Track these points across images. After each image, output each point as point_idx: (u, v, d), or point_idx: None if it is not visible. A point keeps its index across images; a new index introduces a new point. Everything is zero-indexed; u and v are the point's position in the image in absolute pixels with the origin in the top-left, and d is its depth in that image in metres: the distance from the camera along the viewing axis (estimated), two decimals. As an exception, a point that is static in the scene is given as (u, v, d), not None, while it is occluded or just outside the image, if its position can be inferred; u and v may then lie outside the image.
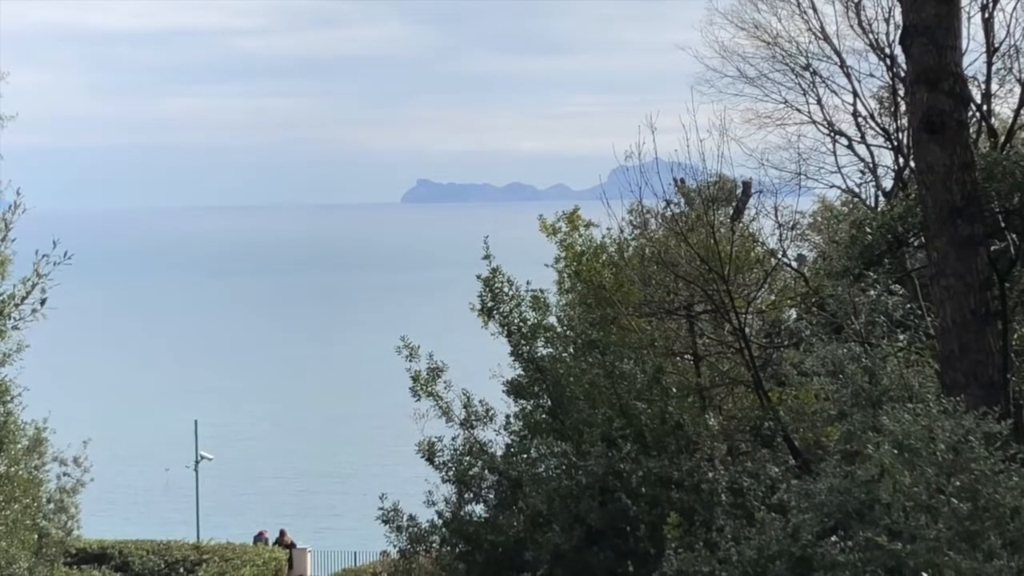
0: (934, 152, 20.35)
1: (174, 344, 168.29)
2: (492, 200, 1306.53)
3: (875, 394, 17.84)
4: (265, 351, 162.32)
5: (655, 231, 32.05)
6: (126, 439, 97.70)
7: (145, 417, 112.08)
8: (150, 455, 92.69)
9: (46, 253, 15.05)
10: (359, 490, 75.36)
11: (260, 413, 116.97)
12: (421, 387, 28.61)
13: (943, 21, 20.32)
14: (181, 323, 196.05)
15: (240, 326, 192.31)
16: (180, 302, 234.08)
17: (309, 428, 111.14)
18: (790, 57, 41.23)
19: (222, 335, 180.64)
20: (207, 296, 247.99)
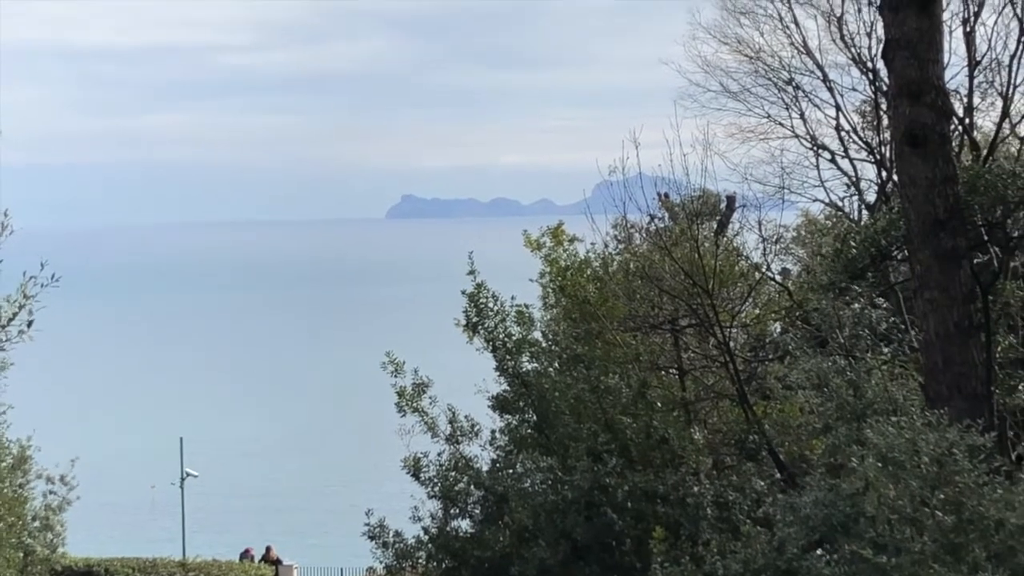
0: (917, 165, 20.42)
1: (160, 360, 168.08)
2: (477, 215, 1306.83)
3: (859, 407, 17.88)
4: (250, 367, 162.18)
5: (639, 246, 32.11)
6: (112, 456, 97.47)
7: (131, 434, 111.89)
8: (136, 472, 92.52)
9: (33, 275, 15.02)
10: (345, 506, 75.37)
11: (246, 429, 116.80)
12: (406, 403, 28.59)
13: (925, 35, 20.40)
14: (167, 339, 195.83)
15: (225, 342, 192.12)
16: (166, 318, 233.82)
17: (295, 444, 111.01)
18: (773, 72, 41.35)
19: (207, 351, 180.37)
20: (192, 312, 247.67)
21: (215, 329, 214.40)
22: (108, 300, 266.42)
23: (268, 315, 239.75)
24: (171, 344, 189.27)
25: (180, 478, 65.43)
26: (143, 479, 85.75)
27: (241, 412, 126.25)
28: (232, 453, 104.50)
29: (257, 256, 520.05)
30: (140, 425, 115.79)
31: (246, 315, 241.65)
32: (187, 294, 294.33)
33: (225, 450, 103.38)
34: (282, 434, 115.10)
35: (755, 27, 41.39)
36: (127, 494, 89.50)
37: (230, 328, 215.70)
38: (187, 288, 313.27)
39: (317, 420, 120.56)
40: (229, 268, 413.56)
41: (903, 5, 20.41)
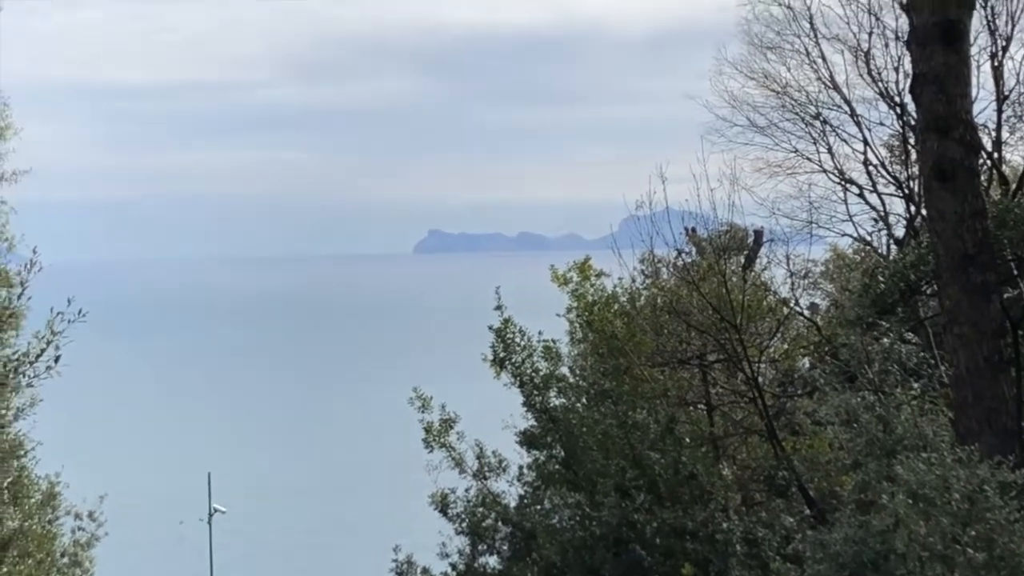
0: (945, 200, 20.34)
1: (187, 395, 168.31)
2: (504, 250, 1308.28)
3: (889, 443, 17.78)
4: (278, 402, 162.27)
5: (667, 280, 32.02)
6: (140, 492, 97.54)
7: (159, 470, 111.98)
8: (164, 508, 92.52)
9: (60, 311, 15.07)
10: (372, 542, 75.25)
11: (273, 465, 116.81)
12: (434, 438, 28.62)
13: (953, 70, 20.35)
14: (194, 374, 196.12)
15: (253, 377, 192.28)
16: (193, 353, 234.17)
17: (322, 480, 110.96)
18: (800, 106, 41.27)
19: (235, 386, 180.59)
20: (220, 347, 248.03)
21: (242, 364, 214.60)
22: (135, 334, 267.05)
23: (295, 350, 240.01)
24: (198, 379, 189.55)
25: (208, 514, 65.46)
26: (171, 515, 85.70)
27: (269, 448, 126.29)
28: (260, 489, 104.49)
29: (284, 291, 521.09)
30: (168, 461, 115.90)
31: (274, 350, 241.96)
32: (214, 329, 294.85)
33: (253, 486, 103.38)
34: (309, 470, 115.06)
35: (782, 62, 41.36)
36: (155, 530, 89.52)
37: (257, 363, 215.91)
38: (214, 323, 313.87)
39: (344, 456, 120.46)
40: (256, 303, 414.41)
41: (930, 40, 20.37)
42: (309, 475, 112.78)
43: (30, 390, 18.74)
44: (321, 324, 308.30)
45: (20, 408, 21.89)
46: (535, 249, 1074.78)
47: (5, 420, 19.95)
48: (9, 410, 20.70)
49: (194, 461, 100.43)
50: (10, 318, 15.80)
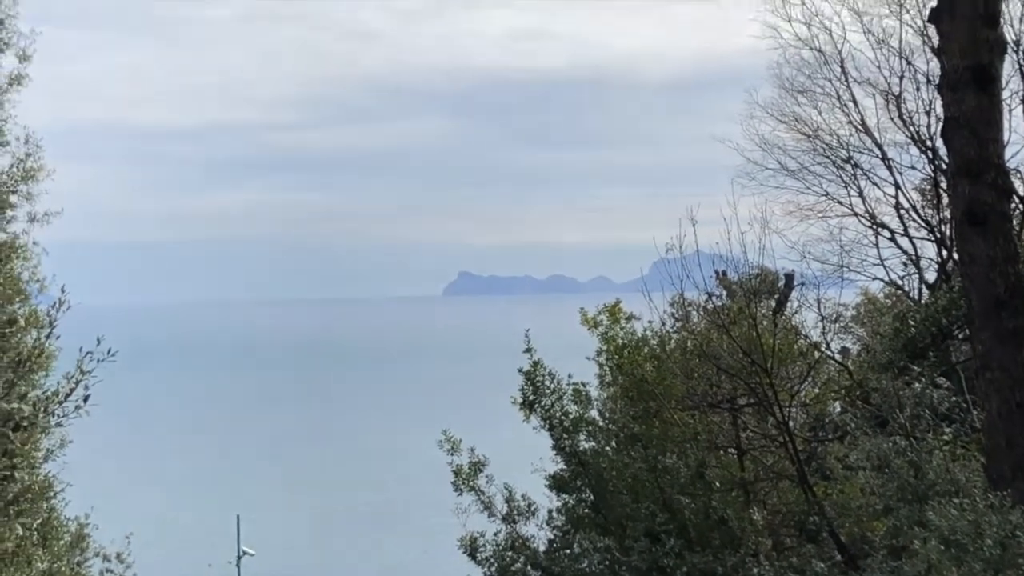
0: (977, 244, 20.27)
1: (217, 437, 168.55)
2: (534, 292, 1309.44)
3: (921, 488, 17.68)
4: (307, 444, 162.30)
5: (697, 324, 31.94)
6: (169, 533, 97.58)
7: (187, 511, 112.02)
8: (193, 550, 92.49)
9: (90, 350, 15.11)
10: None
11: (302, 507, 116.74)
12: (463, 481, 28.56)
13: (984, 113, 20.30)
14: (224, 416, 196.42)
15: (283, 419, 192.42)
16: (223, 395, 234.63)
17: (351, 522, 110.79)
18: (831, 150, 41.25)
19: (264, 428, 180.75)
20: (249, 389, 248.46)
21: (271, 406, 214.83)
22: (165, 375, 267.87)
23: (325, 392, 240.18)
24: (228, 420, 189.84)
25: (237, 556, 65.40)
26: (200, 557, 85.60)
27: (298, 490, 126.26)
28: (289, 532, 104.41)
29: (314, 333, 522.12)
30: (197, 503, 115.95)
31: (303, 392, 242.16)
32: (244, 370, 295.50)
33: (282, 528, 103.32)
34: (338, 512, 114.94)
35: (813, 105, 41.37)
36: (184, 572, 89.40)
37: (287, 405, 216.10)
38: (244, 364, 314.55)
39: (373, 498, 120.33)
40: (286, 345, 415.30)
41: (962, 84, 20.34)
42: (337, 518, 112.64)
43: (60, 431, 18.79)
44: (350, 366, 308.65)
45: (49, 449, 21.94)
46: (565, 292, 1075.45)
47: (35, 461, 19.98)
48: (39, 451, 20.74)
49: (223, 503, 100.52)
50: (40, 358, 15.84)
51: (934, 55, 34.89)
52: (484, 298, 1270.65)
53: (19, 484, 17.21)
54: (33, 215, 22.26)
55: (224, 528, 72.72)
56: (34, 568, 21.98)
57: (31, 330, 18.23)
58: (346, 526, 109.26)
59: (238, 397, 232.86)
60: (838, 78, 40.69)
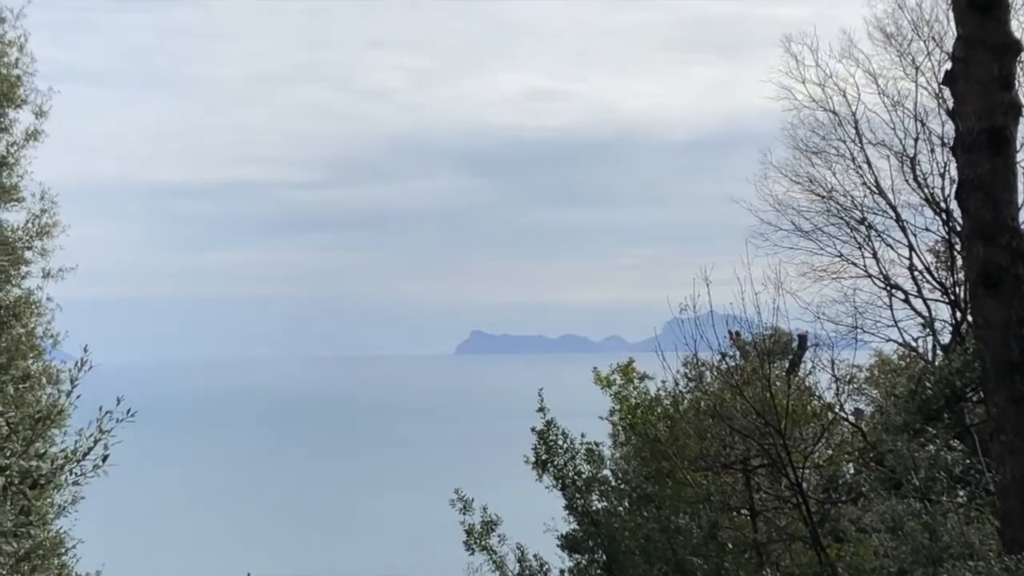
0: (991, 307, 20.25)
1: (228, 495, 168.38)
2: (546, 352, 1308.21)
3: (935, 551, 17.60)
4: (318, 503, 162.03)
5: (710, 384, 31.93)
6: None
7: (199, 569, 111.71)
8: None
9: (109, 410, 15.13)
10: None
11: (313, 565, 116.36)
12: (475, 541, 28.50)
13: (999, 176, 20.33)
14: (236, 472, 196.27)
15: (294, 478, 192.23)
16: (235, 453, 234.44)
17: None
18: (845, 211, 41.34)
19: (276, 487, 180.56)
20: (262, 447, 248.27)
21: (283, 464, 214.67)
22: (182, 433, 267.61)
23: (336, 450, 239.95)
24: (240, 478, 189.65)
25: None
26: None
27: (309, 548, 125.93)
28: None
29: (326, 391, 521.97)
30: (208, 560, 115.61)
31: (315, 450, 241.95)
32: (256, 429, 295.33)
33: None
34: (349, 571, 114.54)
35: (827, 166, 41.49)
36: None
37: (299, 464, 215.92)
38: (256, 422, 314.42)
39: (385, 557, 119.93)
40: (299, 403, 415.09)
41: (976, 146, 20.38)
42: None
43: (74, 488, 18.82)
44: (363, 425, 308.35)
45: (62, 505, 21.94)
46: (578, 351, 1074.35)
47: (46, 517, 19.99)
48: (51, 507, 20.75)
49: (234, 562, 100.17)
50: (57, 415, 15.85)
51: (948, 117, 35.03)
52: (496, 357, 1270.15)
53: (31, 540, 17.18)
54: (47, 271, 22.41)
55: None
56: (45, 625, 21.95)
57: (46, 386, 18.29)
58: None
59: (251, 455, 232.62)
60: (852, 139, 40.85)
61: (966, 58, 20.61)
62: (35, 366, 21.13)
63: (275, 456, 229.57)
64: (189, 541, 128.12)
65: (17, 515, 14.14)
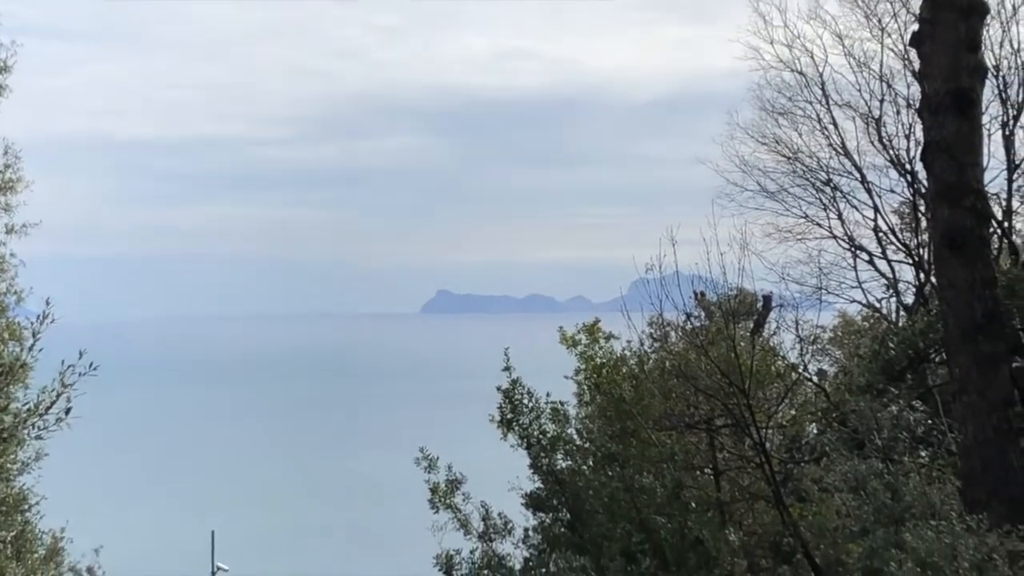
0: (955, 268, 20.36)
1: (190, 452, 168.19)
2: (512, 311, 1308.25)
3: (897, 511, 17.71)
4: (281, 461, 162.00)
5: (675, 344, 31.99)
6: (143, 550, 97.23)
7: (161, 527, 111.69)
8: (167, 565, 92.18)
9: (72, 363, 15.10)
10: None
11: (276, 524, 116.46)
12: (440, 499, 28.50)
13: (964, 138, 20.40)
14: (197, 431, 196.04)
15: (257, 435, 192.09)
16: (196, 411, 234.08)
17: (326, 539, 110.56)
18: (811, 172, 41.38)
19: (238, 444, 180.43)
20: (223, 405, 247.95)
21: (246, 422, 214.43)
22: (144, 391, 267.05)
23: (300, 409, 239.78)
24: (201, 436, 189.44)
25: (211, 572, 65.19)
26: (174, 572, 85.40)
27: (272, 506, 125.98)
28: (263, 548, 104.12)
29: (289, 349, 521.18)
30: (171, 518, 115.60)
31: (278, 408, 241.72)
32: (218, 387, 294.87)
33: (256, 545, 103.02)
34: (313, 529, 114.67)
35: (793, 128, 41.52)
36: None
37: (261, 421, 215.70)
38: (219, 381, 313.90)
39: (348, 515, 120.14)
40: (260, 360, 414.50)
41: (942, 108, 20.44)
42: (312, 534, 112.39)
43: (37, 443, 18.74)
44: (327, 383, 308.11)
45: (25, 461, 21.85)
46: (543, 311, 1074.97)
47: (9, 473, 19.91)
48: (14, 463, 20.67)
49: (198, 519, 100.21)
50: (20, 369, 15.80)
51: (915, 79, 35.17)
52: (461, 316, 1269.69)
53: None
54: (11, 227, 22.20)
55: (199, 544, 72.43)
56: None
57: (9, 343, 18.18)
58: (321, 543, 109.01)
59: (212, 412, 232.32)
60: (819, 100, 40.87)
61: (933, 19, 20.65)
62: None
63: (238, 414, 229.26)
64: (153, 499, 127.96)
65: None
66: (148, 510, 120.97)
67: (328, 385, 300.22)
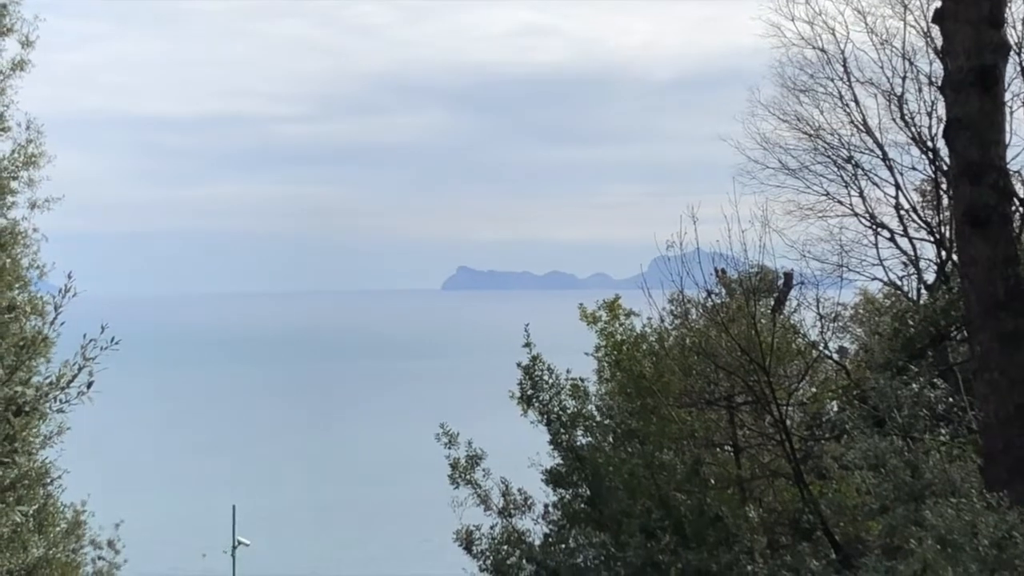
0: (977, 246, 20.29)
1: (212, 428, 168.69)
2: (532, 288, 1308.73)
3: (917, 488, 17.69)
4: (304, 436, 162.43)
5: (696, 321, 31.96)
6: (164, 523, 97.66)
7: (183, 501, 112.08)
8: (188, 540, 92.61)
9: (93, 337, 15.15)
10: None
11: (298, 498, 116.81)
12: (460, 475, 28.57)
13: (987, 115, 20.31)
14: (221, 407, 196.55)
15: (280, 411, 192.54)
16: (218, 387, 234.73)
17: (347, 514, 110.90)
18: (832, 149, 41.21)
19: (261, 420, 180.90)
20: (247, 381, 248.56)
21: (269, 398, 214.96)
22: (166, 367, 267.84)
23: (322, 385, 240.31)
24: (225, 412, 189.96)
25: (232, 547, 65.41)
26: (195, 547, 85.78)
27: (294, 481, 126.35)
28: (285, 523, 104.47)
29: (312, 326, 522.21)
30: (193, 492, 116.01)
31: (300, 385, 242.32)
32: (242, 362, 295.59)
33: (278, 519, 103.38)
34: (334, 504, 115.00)
35: (815, 105, 41.33)
36: (179, 561, 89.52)
37: (284, 397, 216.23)
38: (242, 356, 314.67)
39: (370, 490, 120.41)
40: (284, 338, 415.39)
41: (965, 85, 20.35)
42: (334, 509, 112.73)
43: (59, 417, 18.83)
44: (348, 359, 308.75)
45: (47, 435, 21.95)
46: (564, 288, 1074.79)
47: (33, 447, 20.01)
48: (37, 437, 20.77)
49: (219, 493, 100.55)
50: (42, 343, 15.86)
51: (937, 56, 35.03)
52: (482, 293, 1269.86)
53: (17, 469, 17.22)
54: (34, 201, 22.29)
55: (220, 518, 72.69)
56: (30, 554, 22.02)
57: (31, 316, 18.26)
58: (342, 517, 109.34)
59: (236, 389, 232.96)
60: (840, 78, 40.66)
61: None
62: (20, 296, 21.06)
63: (261, 390, 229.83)
64: (175, 474, 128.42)
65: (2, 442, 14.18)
66: (169, 484, 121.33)
67: (349, 362, 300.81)
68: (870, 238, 40.91)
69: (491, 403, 44.55)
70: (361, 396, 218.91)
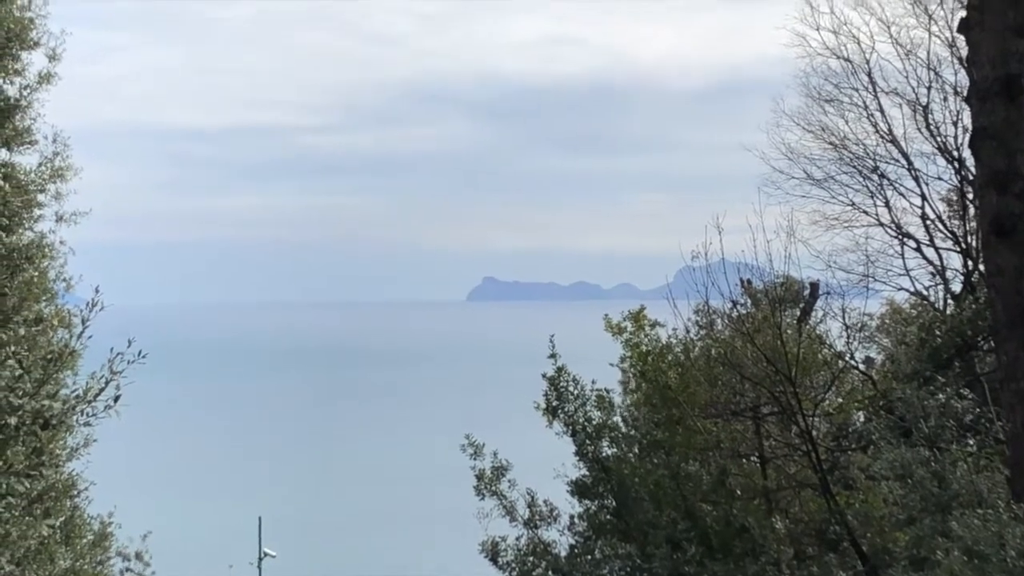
0: (1004, 255, 20.21)
1: (239, 438, 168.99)
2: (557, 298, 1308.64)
3: (944, 499, 17.65)
4: (330, 447, 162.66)
5: (721, 332, 31.93)
6: (190, 535, 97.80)
7: (209, 512, 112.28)
8: (214, 551, 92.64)
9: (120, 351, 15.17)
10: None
11: (325, 510, 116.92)
12: (485, 485, 28.58)
13: (1013, 125, 20.24)
14: (248, 418, 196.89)
15: (306, 422, 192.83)
16: (247, 397, 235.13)
17: (373, 525, 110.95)
18: (857, 160, 41.21)
19: (287, 431, 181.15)
20: (274, 391, 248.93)
21: (295, 408, 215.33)
22: (191, 377, 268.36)
23: (348, 396, 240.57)
24: (251, 422, 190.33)
25: (258, 558, 65.49)
26: (221, 558, 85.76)
27: (321, 492, 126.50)
28: (311, 534, 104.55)
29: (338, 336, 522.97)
30: (219, 504, 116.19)
31: (327, 395, 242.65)
32: (268, 373, 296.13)
33: (304, 531, 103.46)
34: (360, 515, 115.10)
35: (840, 115, 41.35)
36: (205, 573, 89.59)
37: (310, 408, 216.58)
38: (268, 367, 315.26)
39: (396, 501, 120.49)
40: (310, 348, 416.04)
41: (991, 95, 20.29)
42: (360, 520, 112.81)
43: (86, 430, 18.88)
44: (375, 370, 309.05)
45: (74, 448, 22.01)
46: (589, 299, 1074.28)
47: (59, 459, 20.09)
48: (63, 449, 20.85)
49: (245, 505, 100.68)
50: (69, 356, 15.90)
51: (962, 66, 34.97)
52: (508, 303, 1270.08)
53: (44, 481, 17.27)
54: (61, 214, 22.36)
55: (246, 530, 72.82)
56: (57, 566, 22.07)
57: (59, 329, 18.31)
58: (368, 529, 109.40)
59: (261, 399, 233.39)
60: (865, 88, 40.69)
61: (981, 5, 20.50)
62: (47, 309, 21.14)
63: (287, 401, 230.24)
64: (200, 484, 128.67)
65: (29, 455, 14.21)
66: (196, 496, 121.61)
67: (375, 372, 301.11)
68: (896, 248, 40.91)
69: (517, 414, 44.55)
70: (387, 407, 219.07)
